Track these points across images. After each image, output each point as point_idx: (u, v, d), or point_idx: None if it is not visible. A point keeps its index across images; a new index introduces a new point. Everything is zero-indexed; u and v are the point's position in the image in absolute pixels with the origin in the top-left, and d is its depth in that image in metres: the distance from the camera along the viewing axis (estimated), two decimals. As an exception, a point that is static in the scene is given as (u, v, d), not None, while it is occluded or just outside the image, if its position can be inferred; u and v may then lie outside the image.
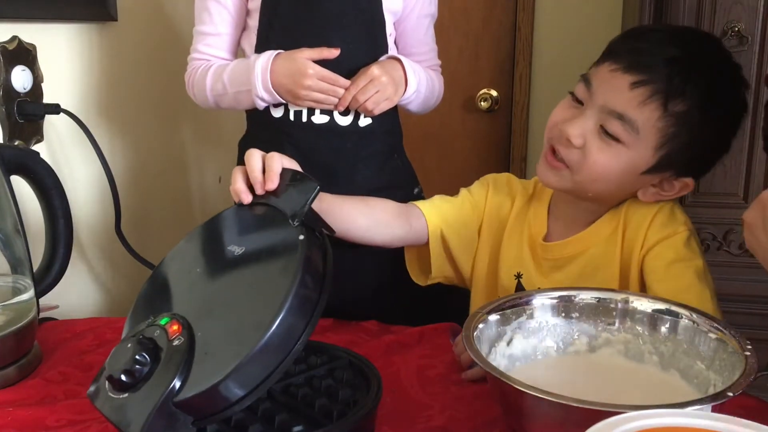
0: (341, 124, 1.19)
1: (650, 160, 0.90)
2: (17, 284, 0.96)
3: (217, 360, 0.64)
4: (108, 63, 1.49)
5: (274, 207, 0.77)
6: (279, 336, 0.64)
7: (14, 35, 1.25)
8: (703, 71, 0.89)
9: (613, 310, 0.81)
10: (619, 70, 0.89)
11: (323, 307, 0.69)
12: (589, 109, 0.90)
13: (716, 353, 0.72)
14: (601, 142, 0.90)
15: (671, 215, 0.96)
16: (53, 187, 1.01)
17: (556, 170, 0.94)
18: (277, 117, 1.20)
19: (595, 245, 0.98)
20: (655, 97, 0.87)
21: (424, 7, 1.25)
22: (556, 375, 0.78)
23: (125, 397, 0.66)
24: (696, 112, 0.88)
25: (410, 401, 0.83)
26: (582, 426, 0.49)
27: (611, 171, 0.90)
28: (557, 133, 0.93)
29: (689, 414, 0.51)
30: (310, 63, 1.11)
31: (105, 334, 1.02)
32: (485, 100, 2.15)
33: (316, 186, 0.77)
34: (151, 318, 0.71)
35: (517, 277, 1.03)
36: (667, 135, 0.88)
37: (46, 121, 1.34)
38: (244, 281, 0.72)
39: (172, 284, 0.78)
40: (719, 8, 1.59)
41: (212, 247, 0.79)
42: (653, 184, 0.94)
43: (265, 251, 0.75)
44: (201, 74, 1.21)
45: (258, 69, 1.13)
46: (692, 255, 0.94)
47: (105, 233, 1.47)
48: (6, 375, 0.88)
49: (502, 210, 1.07)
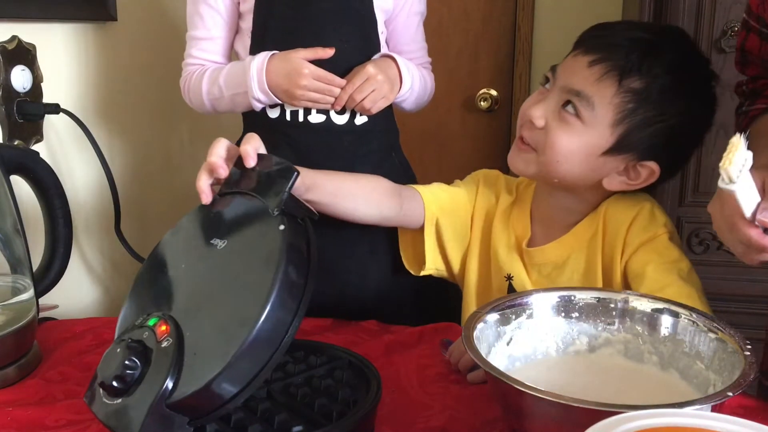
0: (338, 123, 1.19)
1: (609, 138, 0.91)
2: (17, 284, 0.96)
3: (206, 359, 0.64)
4: (107, 63, 1.49)
5: (253, 196, 0.76)
6: (267, 330, 0.64)
7: (14, 35, 1.25)
8: (662, 52, 0.91)
9: (613, 310, 0.81)
10: (580, 54, 0.92)
11: (309, 297, 0.68)
12: (552, 93, 0.93)
13: (716, 353, 0.72)
14: (561, 121, 0.92)
15: (651, 217, 0.96)
16: (53, 187, 1.01)
17: (524, 154, 0.96)
18: (273, 117, 1.19)
19: (577, 250, 0.99)
20: (610, 74, 0.89)
21: (413, 5, 1.26)
22: (555, 375, 0.78)
23: (119, 402, 0.66)
24: (655, 91, 0.89)
25: (410, 401, 0.83)
26: (582, 426, 0.49)
27: (572, 150, 0.92)
28: (525, 118, 0.95)
29: (689, 414, 0.51)
30: (306, 63, 1.11)
31: (104, 334, 1.02)
32: (485, 100, 2.15)
33: (294, 171, 0.76)
34: (140, 319, 0.71)
35: (508, 279, 1.04)
36: (624, 111, 0.90)
37: (45, 121, 1.34)
38: (229, 276, 0.71)
39: (158, 281, 0.77)
40: (719, 8, 1.59)
41: (196, 242, 0.78)
42: (618, 172, 0.94)
43: (248, 243, 0.73)
44: (196, 79, 1.21)
45: (253, 70, 1.13)
46: (674, 256, 0.94)
47: (104, 233, 1.47)
48: (5, 375, 0.88)
49: (490, 205, 1.08)
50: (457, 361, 0.90)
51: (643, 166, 0.93)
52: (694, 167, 1.67)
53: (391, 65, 1.19)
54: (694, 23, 1.59)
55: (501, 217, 1.06)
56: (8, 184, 0.93)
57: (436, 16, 2.07)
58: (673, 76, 0.90)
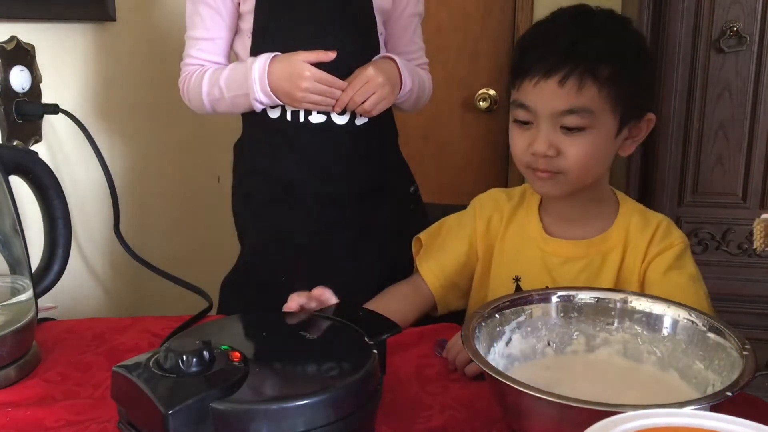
0: (338, 123, 1.19)
1: (615, 122, 0.97)
2: (16, 284, 0.96)
3: (260, 394, 0.67)
4: (107, 63, 1.49)
5: (347, 324, 0.80)
6: (317, 408, 0.66)
7: (13, 35, 1.25)
8: (599, 29, 0.98)
9: (612, 309, 0.81)
10: (541, 81, 0.95)
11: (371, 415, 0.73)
12: (541, 123, 0.96)
13: (715, 353, 0.72)
14: (570, 138, 0.95)
15: (668, 231, 1.03)
16: (52, 187, 1.00)
17: (550, 181, 0.99)
18: (274, 118, 1.19)
19: (593, 255, 1.04)
20: (584, 79, 0.94)
21: (411, 6, 1.26)
22: (554, 375, 0.78)
23: (171, 377, 0.66)
24: (620, 61, 0.95)
25: (410, 401, 0.83)
26: (580, 426, 0.49)
27: (595, 153, 0.97)
28: (530, 158, 0.98)
29: (688, 414, 0.51)
30: (307, 65, 1.12)
31: (104, 334, 1.02)
32: (484, 100, 2.15)
33: (399, 329, 0.82)
34: (212, 341, 0.72)
35: (516, 281, 1.07)
36: (615, 97, 0.95)
37: (44, 121, 1.34)
38: (309, 356, 0.75)
39: (236, 330, 0.82)
40: (718, 8, 1.59)
41: (283, 325, 0.83)
42: (625, 138, 1.01)
43: (335, 345, 0.78)
44: (196, 80, 1.21)
45: (255, 72, 1.13)
46: (687, 264, 1.01)
47: (104, 233, 1.47)
48: (5, 375, 0.88)
49: (492, 224, 1.12)
50: (454, 358, 0.90)
51: (643, 120, 1.01)
52: (693, 168, 1.67)
53: (392, 66, 1.19)
54: (693, 23, 1.60)
55: (507, 225, 1.10)
56: (7, 184, 0.93)
57: (435, 17, 2.07)
58: (619, 37, 0.98)
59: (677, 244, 1.01)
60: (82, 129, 1.30)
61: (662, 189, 1.70)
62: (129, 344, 0.98)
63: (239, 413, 0.64)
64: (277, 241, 1.22)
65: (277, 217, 1.22)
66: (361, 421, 0.70)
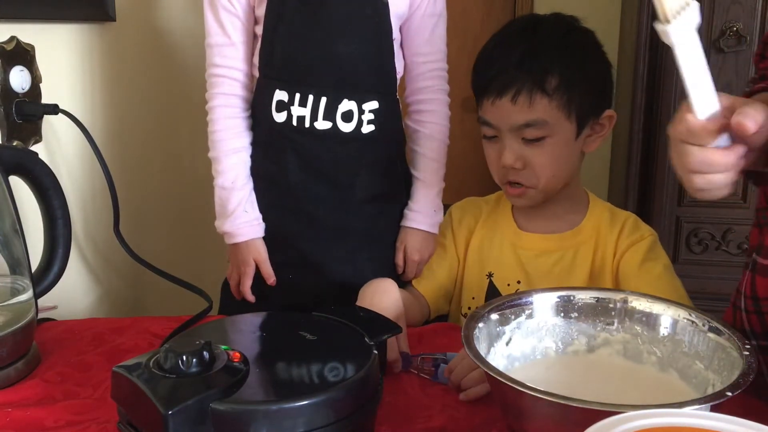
0: (344, 130, 1.16)
1: (572, 126, 1.04)
2: (16, 285, 0.96)
3: (260, 395, 0.67)
4: (106, 63, 1.49)
5: (348, 325, 0.81)
6: (317, 408, 0.66)
7: (12, 35, 1.25)
8: (544, 41, 1.03)
9: (612, 310, 0.81)
10: (497, 99, 1.03)
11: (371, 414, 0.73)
12: (505, 138, 1.05)
13: (715, 353, 0.72)
14: (533, 149, 1.03)
15: (636, 225, 1.10)
16: (52, 188, 1.00)
17: (524, 195, 1.07)
18: (279, 121, 1.17)
19: (568, 248, 1.10)
20: (533, 94, 1.00)
21: (428, 6, 1.20)
22: (554, 375, 0.78)
23: (171, 378, 0.66)
24: (568, 68, 1.00)
25: (410, 401, 0.83)
26: (581, 426, 0.49)
27: (560, 159, 1.04)
28: (502, 171, 1.07)
29: (688, 414, 0.51)
30: (252, 267, 1.19)
31: (103, 334, 1.02)
32: (484, 100, 2.15)
33: (399, 329, 0.84)
34: (212, 341, 0.72)
35: (489, 276, 1.14)
36: (567, 103, 1.01)
37: (44, 122, 1.34)
38: (309, 356, 0.75)
39: (236, 331, 0.83)
40: (717, 8, 1.59)
41: (283, 325, 0.83)
42: (588, 136, 1.06)
43: (336, 346, 0.78)
44: (218, 119, 1.23)
45: (224, 228, 1.20)
46: (660, 255, 1.08)
47: (103, 234, 1.47)
48: (5, 375, 0.88)
49: (470, 228, 1.19)
50: (458, 379, 0.83)
51: (603, 117, 1.06)
52: (693, 167, 1.67)
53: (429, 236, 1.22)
54: (693, 23, 1.60)
55: (483, 225, 1.17)
56: (7, 184, 0.93)
57: (435, 16, 2.07)
58: (563, 45, 1.02)
59: (647, 236, 1.07)
60: (82, 129, 1.30)
61: (662, 189, 1.70)
62: (129, 344, 0.98)
63: (239, 414, 0.64)
64: (279, 244, 1.22)
65: (279, 220, 1.22)
66: (361, 421, 0.70)
